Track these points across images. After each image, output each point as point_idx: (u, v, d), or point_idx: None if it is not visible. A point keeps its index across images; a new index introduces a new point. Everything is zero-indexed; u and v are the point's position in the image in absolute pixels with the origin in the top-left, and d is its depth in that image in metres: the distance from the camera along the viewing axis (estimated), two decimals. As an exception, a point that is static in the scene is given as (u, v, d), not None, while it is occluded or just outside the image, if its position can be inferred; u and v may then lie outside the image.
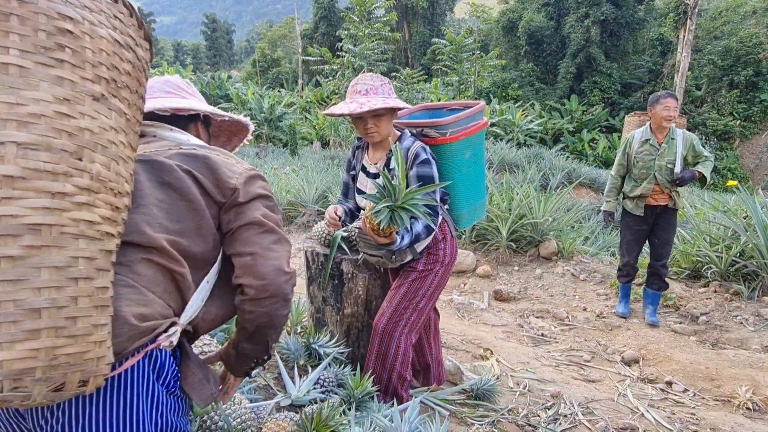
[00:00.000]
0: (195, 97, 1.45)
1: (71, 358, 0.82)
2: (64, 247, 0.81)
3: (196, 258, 1.17)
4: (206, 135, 1.48)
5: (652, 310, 4.39)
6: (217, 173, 1.20)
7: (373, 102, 2.11)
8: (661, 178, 4.09)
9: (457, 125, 2.39)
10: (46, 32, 0.81)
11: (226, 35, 64.83)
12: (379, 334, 2.41)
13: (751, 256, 4.62)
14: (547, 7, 30.36)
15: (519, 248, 5.84)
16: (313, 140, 21.06)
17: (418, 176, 2.20)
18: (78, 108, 0.85)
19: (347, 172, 2.58)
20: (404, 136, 2.31)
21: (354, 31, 21.03)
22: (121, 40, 0.96)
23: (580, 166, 14.11)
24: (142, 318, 1.02)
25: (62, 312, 0.81)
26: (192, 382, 1.17)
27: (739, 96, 24.93)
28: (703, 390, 3.28)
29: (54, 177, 0.81)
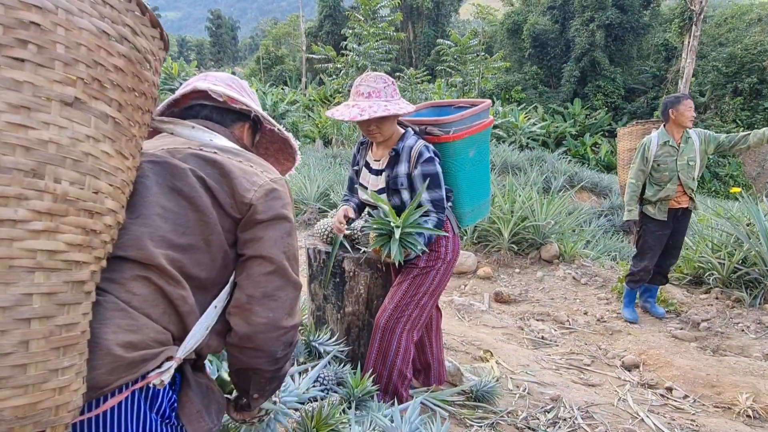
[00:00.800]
0: (252, 99, 1.36)
1: (18, 411, 0.72)
2: (12, 284, 0.69)
3: (201, 278, 1.05)
4: (250, 140, 1.36)
5: (653, 304, 4.55)
6: (234, 183, 1.07)
7: (374, 108, 2.11)
8: (684, 178, 4.11)
9: (460, 123, 2.38)
10: (3, 26, 0.68)
11: (231, 32, 64.82)
12: (380, 331, 2.41)
13: (753, 263, 4.61)
14: (552, 11, 30.34)
15: (520, 250, 5.82)
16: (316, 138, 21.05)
17: (423, 174, 2.23)
18: (39, 116, 0.72)
19: (352, 167, 2.59)
20: (407, 135, 2.32)
21: (359, 30, 21.03)
22: (112, 31, 0.82)
23: (582, 170, 14.10)
24: (130, 347, 0.92)
25: (7, 360, 0.69)
26: (189, 413, 1.05)
27: (742, 103, 24.89)
28: (704, 396, 3.26)
29: (3, 201, 0.68)
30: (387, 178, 2.34)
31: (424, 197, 2.26)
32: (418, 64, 35.28)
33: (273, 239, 1.10)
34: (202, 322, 1.04)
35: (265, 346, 1.10)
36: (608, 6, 27.28)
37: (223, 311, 1.11)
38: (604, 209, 10.22)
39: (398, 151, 2.29)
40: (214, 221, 1.05)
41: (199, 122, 1.22)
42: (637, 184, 4.25)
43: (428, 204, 2.25)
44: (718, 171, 22.94)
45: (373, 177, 2.42)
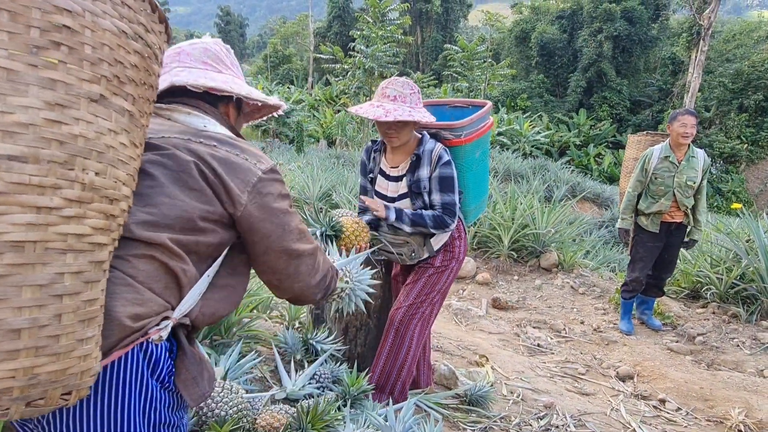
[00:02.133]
0: (232, 71, 1.35)
1: (52, 376, 0.80)
2: (48, 264, 0.77)
3: (200, 253, 1.14)
4: (236, 115, 1.39)
5: (649, 316, 4.56)
6: (229, 185, 1.14)
7: (399, 112, 2.14)
8: (680, 196, 4.11)
9: (471, 127, 2.46)
10: (40, 29, 0.73)
11: (239, 29, 65.05)
12: (395, 326, 2.46)
13: (751, 279, 4.62)
14: (561, 20, 30.41)
15: (520, 258, 5.84)
16: (320, 138, 21.11)
17: (440, 177, 2.29)
18: (71, 113, 0.78)
19: (364, 175, 2.58)
20: (425, 139, 2.37)
21: (367, 32, 21.07)
22: (129, 30, 0.87)
23: (584, 180, 14.13)
24: (137, 318, 1.00)
25: (44, 331, 0.77)
26: (184, 379, 1.13)
27: (747, 120, 24.90)
28: (696, 410, 3.28)
29: (41, 191, 0.75)
30: (409, 183, 2.36)
31: (436, 199, 2.31)
32: (425, 68, 35.34)
33: (277, 234, 1.20)
34: (196, 289, 1.13)
35: (307, 298, 1.33)
36: (617, 18, 27.35)
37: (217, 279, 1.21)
38: (604, 220, 10.24)
39: (419, 155, 2.32)
40: (215, 212, 1.13)
41: (192, 105, 1.26)
42: (634, 194, 4.28)
43: (439, 207, 2.31)
44: (720, 186, 22.96)
45: (392, 184, 2.43)
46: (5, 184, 0.71)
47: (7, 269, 0.73)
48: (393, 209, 2.33)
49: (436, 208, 2.32)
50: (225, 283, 1.22)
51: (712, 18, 20.71)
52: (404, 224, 2.33)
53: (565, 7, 30.80)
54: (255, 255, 1.22)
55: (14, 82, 0.72)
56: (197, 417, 1.67)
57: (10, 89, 0.71)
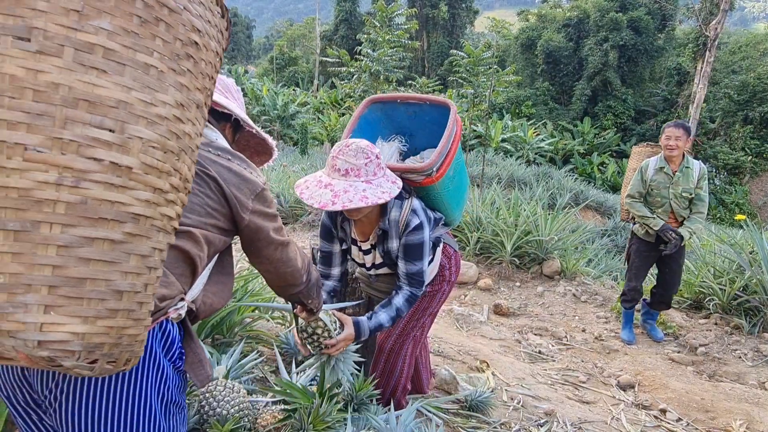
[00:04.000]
0: (237, 102, 1.51)
1: (129, 339, 0.88)
2: (150, 238, 0.88)
3: (216, 246, 1.27)
4: (231, 138, 1.53)
5: (652, 326, 4.53)
6: (240, 195, 1.28)
7: (350, 195, 1.80)
8: (677, 207, 4.09)
9: (439, 159, 2.11)
10: (182, 42, 0.87)
11: (246, 30, 65.19)
12: (385, 354, 2.39)
13: (754, 291, 4.61)
14: (567, 28, 30.45)
15: (522, 264, 5.83)
16: (324, 141, 21.14)
17: (406, 245, 2.03)
18: (187, 114, 0.92)
19: (328, 241, 2.26)
20: (390, 205, 2.04)
21: (374, 36, 21.11)
22: (219, 51, 1.02)
23: (588, 188, 14.13)
24: (162, 299, 1.09)
25: (136, 297, 0.87)
26: (192, 362, 1.22)
27: (752, 132, 24.87)
28: (697, 420, 3.26)
29: (159, 174, 0.86)
30: (381, 254, 2.14)
31: (401, 267, 2.07)
32: (430, 73, 35.39)
33: (272, 229, 1.37)
34: (201, 278, 1.27)
35: (297, 280, 1.49)
36: (623, 27, 27.36)
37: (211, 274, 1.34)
38: (607, 229, 10.23)
39: (385, 229, 2.05)
40: (227, 214, 1.27)
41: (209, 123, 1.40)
42: (638, 198, 4.24)
43: (404, 277, 2.08)
44: (724, 198, 22.91)
45: (368, 256, 2.20)
46: (140, 163, 0.82)
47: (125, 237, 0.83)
48: (366, 326, 2.00)
49: (402, 279, 2.09)
50: (218, 279, 1.34)
51: (718, 29, 20.71)
52: (385, 328, 2.07)
53: (571, 15, 30.84)
54: (258, 250, 1.38)
55: (161, 81, 0.84)
56: (199, 415, 1.67)
57: (158, 86, 0.84)
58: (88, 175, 0.77)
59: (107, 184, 0.79)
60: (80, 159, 0.76)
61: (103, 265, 0.80)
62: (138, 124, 0.81)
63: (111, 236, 0.81)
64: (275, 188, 8.38)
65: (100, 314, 0.81)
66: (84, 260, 0.78)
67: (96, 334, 0.81)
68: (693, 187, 4.07)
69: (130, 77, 0.80)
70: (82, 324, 0.79)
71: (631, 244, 4.44)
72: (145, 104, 0.82)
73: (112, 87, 0.78)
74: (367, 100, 2.42)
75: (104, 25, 0.76)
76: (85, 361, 0.81)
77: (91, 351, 0.82)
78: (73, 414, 1.04)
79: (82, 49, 0.75)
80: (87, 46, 0.75)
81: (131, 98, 0.80)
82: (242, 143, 1.66)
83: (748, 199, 23.54)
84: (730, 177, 24.46)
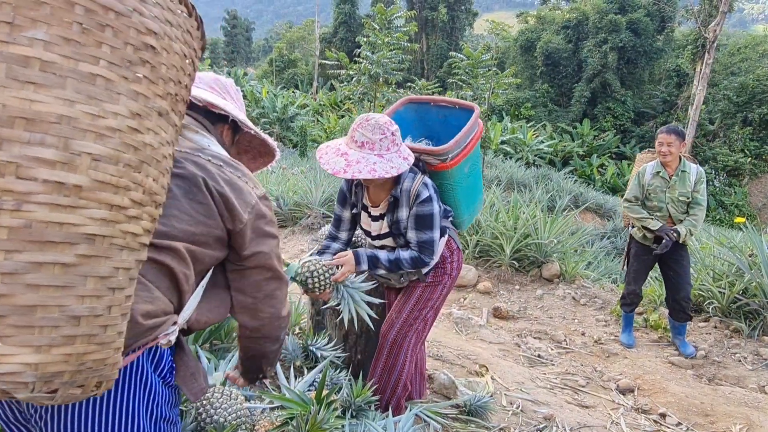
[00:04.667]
0: (236, 104, 1.46)
1: (95, 364, 0.85)
2: (110, 258, 0.83)
3: (204, 263, 1.22)
4: (230, 140, 1.48)
5: (681, 341, 4.32)
6: (233, 204, 1.21)
7: (360, 166, 1.96)
8: (674, 211, 4.09)
9: (456, 148, 2.28)
10: (134, 47, 0.82)
11: (246, 32, 65.24)
12: (388, 345, 2.41)
13: (754, 294, 4.60)
14: (566, 30, 30.47)
15: (521, 267, 5.83)
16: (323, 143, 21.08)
17: (417, 216, 2.14)
18: (146, 123, 0.87)
19: (341, 205, 2.42)
20: (404, 176, 2.18)
21: (373, 39, 21.13)
22: (188, 54, 0.97)
23: (587, 190, 14.12)
24: (148, 316, 1.05)
25: (98, 320, 0.83)
26: (184, 375, 1.20)
27: (751, 133, 24.88)
28: (697, 425, 3.26)
29: (115, 190, 0.82)
30: (389, 223, 2.25)
31: (412, 237, 2.19)
32: (429, 75, 35.42)
33: (268, 252, 1.29)
34: (194, 298, 1.21)
35: (271, 333, 1.37)
36: (622, 29, 27.40)
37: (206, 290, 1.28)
38: (607, 231, 10.22)
39: (397, 197, 2.18)
40: (216, 226, 1.20)
41: (197, 123, 1.34)
42: (636, 201, 4.24)
43: (414, 245, 2.19)
44: (723, 200, 22.91)
45: (375, 223, 2.32)
46: (91, 180, 0.78)
47: (78, 259, 0.78)
48: (365, 258, 2.18)
49: (412, 247, 2.20)
50: (213, 294, 1.29)
51: (717, 31, 20.73)
52: (380, 270, 2.22)
53: (570, 17, 30.87)
54: (242, 270, 1.29)
55: (110, 90, 0.80)
56: (196, 423, 1.67)
57: (106, 97, 0.79)
58: (31, 196, 0.73)
59: (53, 205, 0.74)
60: (20, 181, 0.72)
61: (54, 291, 0.76)
62: (85, 139, 0.77)
63: (61, 260, 0.76)
64: (274, 191, 8.37)
65: (54, 342, 0.77)
66: (32, 287, 0.74)
67: (52, 363, 0.77)
68: (690, 191, 4.07)
69: (72, 90, 0.75)
70: (35, 354, 0.75)
71: (629, 248, 4.45)
72: (92, 117, 0.77)
73: (52, 101, 0.73)
74: (404, 99, 2.61)
75: (40, 36, 0.72)
76: (42, 391, 0.78)
77: (48, 381, 0.78)
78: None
79: (15, 63, 0.70)
80: (21, 59, 0.71)
81: (75, 112, 0.75)
82: (243, 145, 1.62)
83: (748, 201, 23.54)
84: (729, 179, 24.46)
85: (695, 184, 4.08)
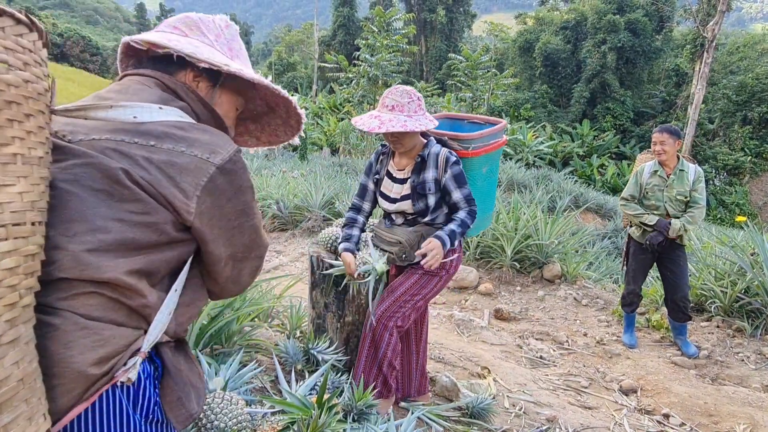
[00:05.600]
0: (209, 39, 1.15)
1: None
2: None
3: (161, 271, 0.99)
4: (208, 87, 1.17)
5: (683, 341, 4.31)
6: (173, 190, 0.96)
7: (393, 123, 2.20)
8: (672, 210, 4.08)
9: (480, 141, 2.51)
10: None
11: (245, 36, 65.22)
12: (372, 326, 2.44)
13: (756, 293, 4.58)
14: (565, 31, 30.52)
15: (522, 268, 5.82)
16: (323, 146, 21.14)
17: (453, 175, 2.35)
18: None
19: (367, 175, 2.62)
20: (431, 143, 2.42)
21: (372, 41, 21.17)
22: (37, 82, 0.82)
23: (588, 190, 14.09)
24: (102, 362, 0.89)
25: None
26: (170, 401, 1.03)
27: (751, 132, 24.89)
28: (701, 425, 3.24)
29: None
30: (413, 184, 2.40)
31: (457, 196, 2.37)
32: (429, 77, 35.46)
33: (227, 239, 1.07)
34: (164, 310, 1.00)
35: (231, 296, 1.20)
36: (621, 29, 27.43)
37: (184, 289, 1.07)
38: (608, 231, 10.20)
39: (424, 157, 2.38)
40: (160, 221, 0.96)
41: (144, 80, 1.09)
42: (632, 200, 4.26)
43: (462, 201, 2.37)
44: (724, 199, 22.90)
45: (397, 186, 2.48)
46: None
47: None
48: (446, 238, 2.31)
49: (460, 204, 2.37)
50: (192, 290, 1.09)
51: (716, 30, 20.75)
52: (455, 241, 2.36)
53: (569, 18, 30.92)
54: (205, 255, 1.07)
55: None
56: (196, 429, 1.66)
57: None
58: None
59: None
60: None
61: None
62: None
63: None
64: (275, 194, 8.37)
65: None
66: None
67: None
68: (688, 191, 4.07)
69: None
70: None
71: (628, 247, 4.45)
72: None
73: None
74: (442, 114, 2.87)
75: None
76: None
77: None
78: None
79: None
80: None
81: None
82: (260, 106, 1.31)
83: (749, 200, 23.53)
84: (729, 178, 24.46)
85: (694, 183, 4.08)
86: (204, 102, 1.13)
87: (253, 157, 14.29)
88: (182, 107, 1.08)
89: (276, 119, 1.37)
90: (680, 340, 4.33)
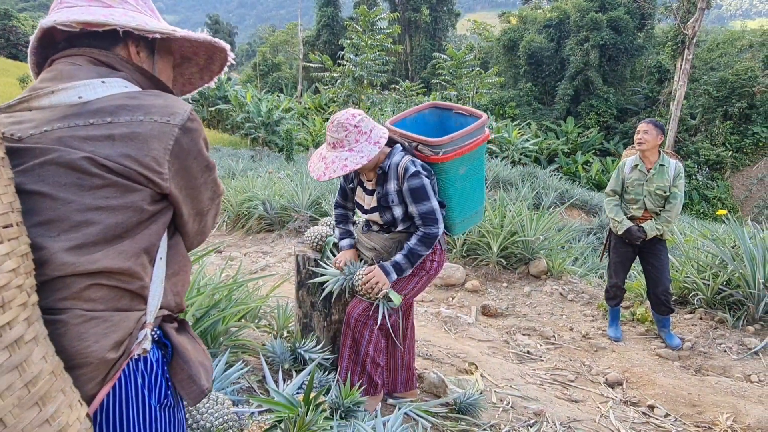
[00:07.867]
0: (130, 5, 1.09)
1: None
2: None
3: (152, 245, 1.01)
4: (148, 55, 1.14)
5: (667, 333, 4.37)
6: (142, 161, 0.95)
7: (335, 165, 2.14)
8: (651, 204, 4.14)
9: (451, 145, 2.37)
10: None
11: (228, 37, 64.87)
12: (353, 322, 2.42)
13: (737, 285, 4.66)
14: (549, 29, 30.74)
15: (509, 265, 5.85)
16: (309, 146, 21.10)
17: (409, 189, 2.25)
18: None
19: (345, 180, 2.60)
20: (394, 152, 2.32)
21: (356, 41, 21.15)
22: None
23: (573, 187, 14.20)
24: (118, 345, 0.93)
25: None
26: (181, 379, 1.06)
27: (732, 127, 25.27)
28: (685, 415, 3.29)
29: None
30: (378, 196, 2.36)
31: (413, 211, 2.28)
32: (414, 76, 35.52)
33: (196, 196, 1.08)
34: (156, 280, 1.02)
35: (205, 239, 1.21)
36: (603, 27, 27.69)
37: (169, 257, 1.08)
38: (593, 227, 10.30)
39: (384, 169, 2.30)
40: (135, 199, 0.95)
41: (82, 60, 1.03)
42: (614, 197, 4.34)
43: (418, 218, 2.28)
44: (707, 193, 23.23)
45: (368, 196, 2.45)
46: None
47: None
48: (390, 268, 2.30)
49: (417, 221, 2.31)
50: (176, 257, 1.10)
51: (696, 27, 21.03)
52: (407, 270, 2.33)
53: (552, 16, 31.15)
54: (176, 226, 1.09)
55: None
56: (182, 429, 1.65)
57: None
58: None
59: None
60: None
61: None
62: None
63: None
64: (261, 195, 8.33)
65: None
66: None
67: None
68: (668, 185, 4.12)
69: None
70: None
71: (608, 241, 4.50)
72: None
73: None
74: (431, 102, 2.78)
75: None
76: None
77: None
78: None
79: None
80: None
81: None
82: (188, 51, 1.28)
83: (731, 194, 23.89)
84: (711, 172, 24.82)
85: (674, 178, 4.14)
86: (142, 70, 1.09)
87: (239, 159, 14.21)
88: (123, 77, 1.04)
89: (191, 68, 1.34)
90: (664, 333, 4.39)
